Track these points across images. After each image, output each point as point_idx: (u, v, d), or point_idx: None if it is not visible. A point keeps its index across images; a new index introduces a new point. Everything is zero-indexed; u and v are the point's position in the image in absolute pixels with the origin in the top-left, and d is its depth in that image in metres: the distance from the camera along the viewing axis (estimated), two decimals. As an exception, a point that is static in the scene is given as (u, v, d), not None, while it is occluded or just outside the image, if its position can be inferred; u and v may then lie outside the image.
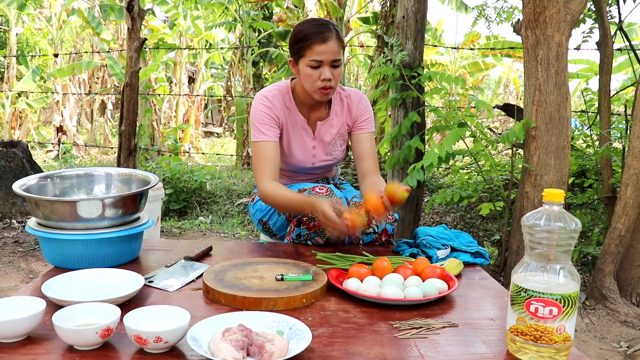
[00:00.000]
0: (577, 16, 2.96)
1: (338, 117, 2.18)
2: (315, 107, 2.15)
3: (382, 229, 2.06)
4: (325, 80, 1.95)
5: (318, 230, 2.02)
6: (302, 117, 2.13)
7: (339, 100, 2.18)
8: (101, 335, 1.14)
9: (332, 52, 1.92)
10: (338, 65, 1.97)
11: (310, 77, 1.96)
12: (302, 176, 2.27)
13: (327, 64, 1.94)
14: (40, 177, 1.92)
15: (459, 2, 8.10)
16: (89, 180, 2.02)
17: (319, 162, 2.20)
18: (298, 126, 2.13)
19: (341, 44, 1.97)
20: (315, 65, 1.94)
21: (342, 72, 2.00)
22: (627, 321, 2.90)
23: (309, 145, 2.16)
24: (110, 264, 1.71)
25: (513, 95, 16.48)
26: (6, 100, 10.87)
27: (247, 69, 8.72)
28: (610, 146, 3.42)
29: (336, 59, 1.95)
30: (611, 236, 3.06)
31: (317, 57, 1.92)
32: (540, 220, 1.16)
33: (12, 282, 3.34)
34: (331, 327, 1.32)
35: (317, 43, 1.91)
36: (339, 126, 2.18)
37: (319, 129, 2.16)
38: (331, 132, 2.17)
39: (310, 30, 1.94)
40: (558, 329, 1.15)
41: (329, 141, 2.18)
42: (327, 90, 1.98)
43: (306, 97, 2.09)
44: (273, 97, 2.07)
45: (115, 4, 9.57)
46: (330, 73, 1.94)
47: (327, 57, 1.93)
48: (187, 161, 8.93)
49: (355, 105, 2.18)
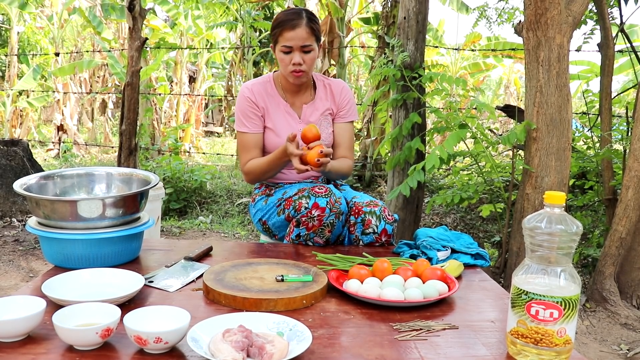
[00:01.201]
0: (578, 18, 2.96)
1: (322, 101, 2.32)
2: (299, 92, 2.30)
3: (382, 229, 2.07)
4: (296, 65, 2.11)
5: (317, 230, 2.03)
6: (285, 102, 2.28)
7: (322, 87, 2.34)
8: (101, 336, 1.14)
9: (300, 38, 2.08)
10: (308, 51, 2.12)
11: (283, 61, 2.14)
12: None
13: (297, 49, 2.10)
14: (41, 177, 1.92)
15: (460, 3, 8.09)
16: (89, 179, 2.02)
17: None
18: (281, 110, 2.27)
19: (312, 31, 2.11)
20: (286, 51, 2.12)
21: (314, 57, 2.16)
22: (627, 324, 2.90)
23: (295, 127, 2.25)
24: (111, 263, 1.71)
25: (514, 96, 16.46)
26: (7, 99, 10.87)
27: (248, 69, 8.72)
28: (611, 148, 3.42)
29: (305, 45, 2.10)
30: (612, 238, 3.06)
31: (287, 42, 2.10)
32: (541, 223, 1.16)
33: (12, 281, 3.33)
34: (331, 329, 1.32)
35: (287, 30, 2.09)
36: (323, 109, 2.32)
37: (305, 111, 2.30)
38: (316, 114, 2.29)
39: (282, 19, 2.12)
40: (559, 331, 1.15)
41: (315, 121, 2.28)
42: (299, 74, 2.14)
43: (287, 83, 2.26)
44: (253, 85, 2.27)
45: (116, 3, 9.57)
46: (301, 58, 2.11)
47: (296, 43, 2.09)
48: (188, 161, 8.93)
49: (338, 93, 2.34)
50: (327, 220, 2.01)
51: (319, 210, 1.99)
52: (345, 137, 2.34)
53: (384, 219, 2.07)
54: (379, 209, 2.08)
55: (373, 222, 2.06)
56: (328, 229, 2.03)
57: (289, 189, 2.18)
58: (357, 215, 2.10)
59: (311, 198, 2.01)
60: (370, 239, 2.08)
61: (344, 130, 2.34)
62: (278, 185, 2.30)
